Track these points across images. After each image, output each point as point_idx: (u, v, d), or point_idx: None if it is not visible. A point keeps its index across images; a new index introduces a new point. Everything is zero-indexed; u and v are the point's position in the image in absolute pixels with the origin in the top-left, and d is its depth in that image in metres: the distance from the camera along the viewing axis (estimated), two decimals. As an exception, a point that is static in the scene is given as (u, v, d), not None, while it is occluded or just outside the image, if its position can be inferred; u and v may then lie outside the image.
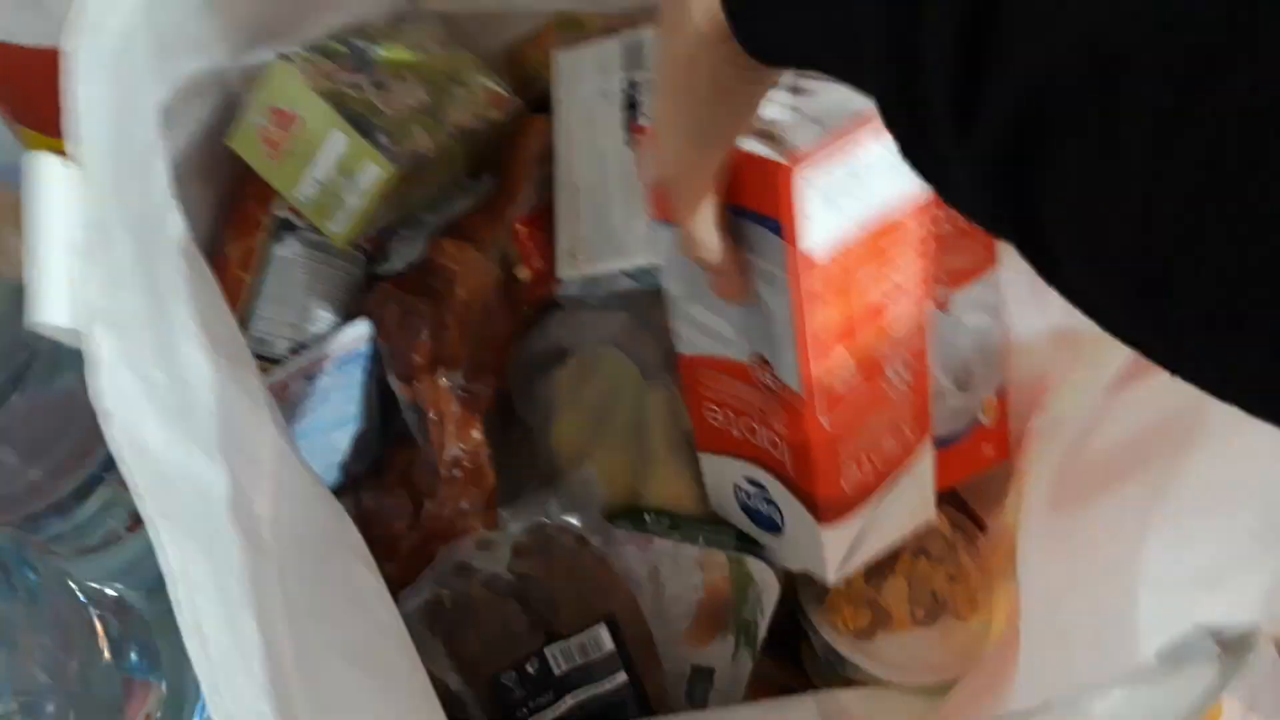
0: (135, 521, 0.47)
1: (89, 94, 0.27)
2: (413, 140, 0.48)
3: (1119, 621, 0.33)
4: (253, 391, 0.38)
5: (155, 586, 0.53)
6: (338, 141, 0.46)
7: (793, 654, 0.56)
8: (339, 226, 0.48)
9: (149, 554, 0.51)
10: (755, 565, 0.49)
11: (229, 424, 0.32)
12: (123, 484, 0.45)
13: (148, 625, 0.48)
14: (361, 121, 0.46)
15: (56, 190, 0.22)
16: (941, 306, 0.52)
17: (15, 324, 0.38)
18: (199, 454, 0.30)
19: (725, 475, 0.50)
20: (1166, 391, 0.41)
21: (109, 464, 0.43)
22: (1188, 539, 0.34)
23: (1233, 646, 0.25)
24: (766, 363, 0.43)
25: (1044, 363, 0.56)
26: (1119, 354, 0.48)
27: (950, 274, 0.52)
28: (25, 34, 0.29)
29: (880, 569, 0.52)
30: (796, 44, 0.28)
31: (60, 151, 0.34)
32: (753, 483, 0.49)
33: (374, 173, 0.46)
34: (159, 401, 0.29)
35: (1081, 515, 0.41)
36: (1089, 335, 0.52)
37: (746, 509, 0.50)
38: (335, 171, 0.46)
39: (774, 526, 0.49)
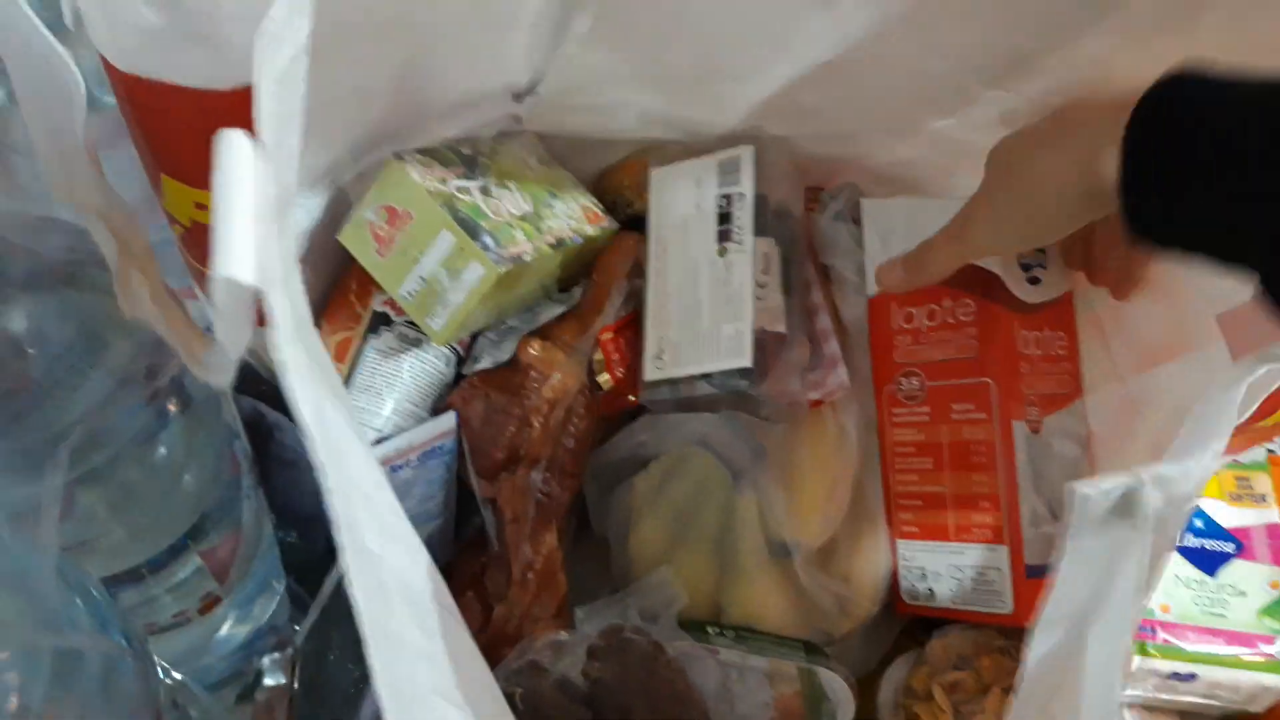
0: (208, 604, 0.46)
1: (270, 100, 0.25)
2: (515, 244, 0.49)
3: None
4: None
5: (215, 682, 0.52)
6: (445, 241, 0.48)
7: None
8: (438, 324, 0.49)
9: (213, 640, 0.50)
10: (828, 679, 0.47)
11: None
12: (206, 560, 0.45)
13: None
14: (469, 224, 0.48)
15: (244, 162, 0.22)
16: (1035, 429, 0.51)
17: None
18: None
19: None
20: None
21: (195, 532, 0.42)
22: None
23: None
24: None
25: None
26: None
27: (1041, 398, 0.52)
28: (193, 76, 0.28)
29: (970, 700, 0.49)
30: (1183, 240, 0.33)
31: (203, 205, 0.35)
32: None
33: (478, 272, 0.47)
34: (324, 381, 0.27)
35: None
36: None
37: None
38: (440, 270, 0.48)
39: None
